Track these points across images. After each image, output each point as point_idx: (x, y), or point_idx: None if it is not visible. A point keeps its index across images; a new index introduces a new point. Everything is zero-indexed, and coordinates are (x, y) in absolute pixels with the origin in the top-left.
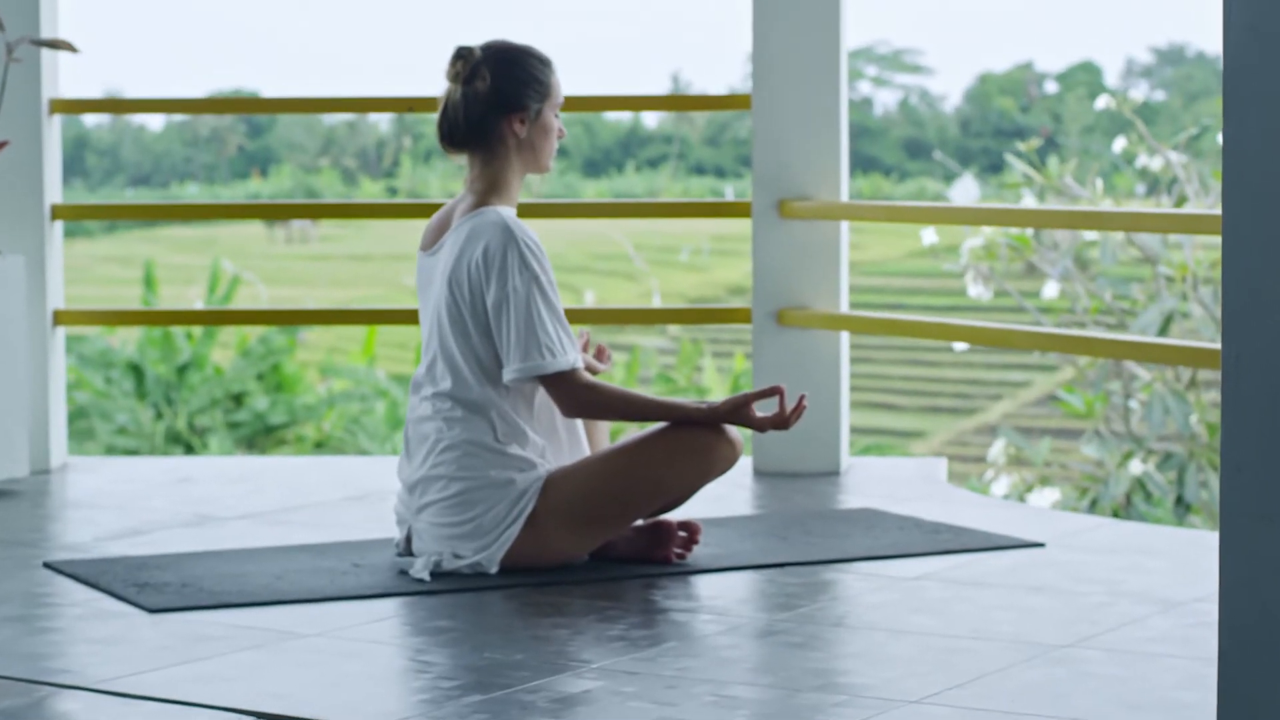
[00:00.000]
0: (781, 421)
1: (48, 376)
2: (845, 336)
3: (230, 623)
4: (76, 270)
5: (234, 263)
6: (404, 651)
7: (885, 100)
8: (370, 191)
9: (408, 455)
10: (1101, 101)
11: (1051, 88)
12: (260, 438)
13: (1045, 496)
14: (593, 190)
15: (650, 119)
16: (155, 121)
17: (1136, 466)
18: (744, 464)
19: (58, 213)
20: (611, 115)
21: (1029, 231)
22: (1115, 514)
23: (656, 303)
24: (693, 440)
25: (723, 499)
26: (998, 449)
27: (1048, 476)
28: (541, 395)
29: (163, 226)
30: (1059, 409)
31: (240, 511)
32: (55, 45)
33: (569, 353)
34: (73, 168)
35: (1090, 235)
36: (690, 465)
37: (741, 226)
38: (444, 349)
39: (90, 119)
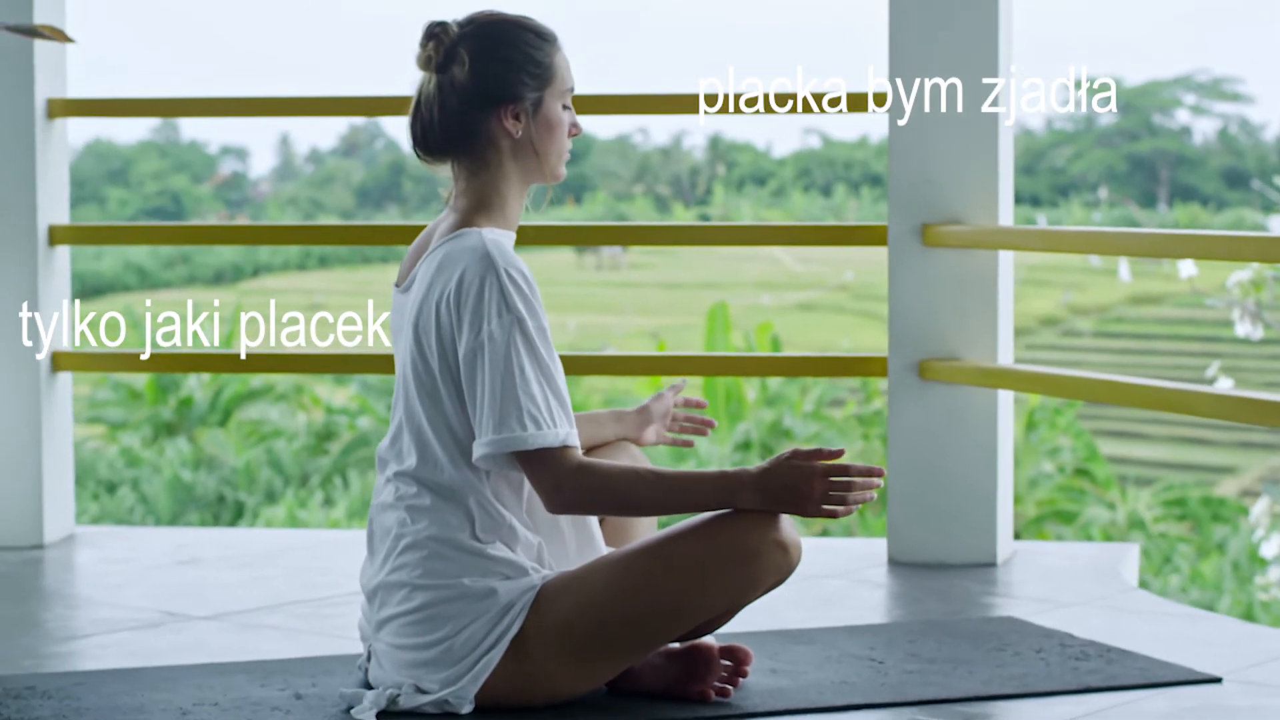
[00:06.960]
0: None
1: (41, 431)
2: (1007, 397)
3: None
4: (361, 296)
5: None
6: None
7: (1204, 129)
8: (680, 219)
9: (370, 553)
10: None
11: None
12: None
13: None
14: None
15: None
16: None
17: None
18: (877, 550)
19: (57, 236)
20: None
21: None
22: None
23: None
24: (732, 543)
25: (830, 601)
26: (1260, 509)
27: None
28: None
29: None
30: None
31: (219, 608)
32: (39, 34)
33: (558, 425)
34: (390, 194)
35: None
36: (729, 577)
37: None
38: (409, 416)
39: (406, 144)
